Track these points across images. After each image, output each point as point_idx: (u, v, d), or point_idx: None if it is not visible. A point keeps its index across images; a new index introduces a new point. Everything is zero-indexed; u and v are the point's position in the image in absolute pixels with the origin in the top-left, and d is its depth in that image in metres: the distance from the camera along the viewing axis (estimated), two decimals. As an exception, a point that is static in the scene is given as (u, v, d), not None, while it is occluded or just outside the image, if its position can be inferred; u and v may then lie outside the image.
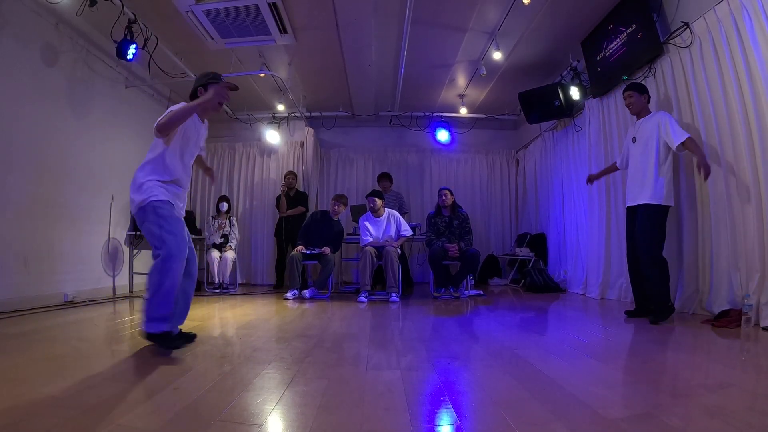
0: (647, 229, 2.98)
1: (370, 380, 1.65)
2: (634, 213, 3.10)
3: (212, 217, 5.67)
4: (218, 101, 2.21)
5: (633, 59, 3.76)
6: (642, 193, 3.04)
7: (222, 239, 5.46)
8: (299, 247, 4.76)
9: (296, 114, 6.45)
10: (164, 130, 2.06)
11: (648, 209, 2.99)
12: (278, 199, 5.83)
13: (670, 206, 3.01)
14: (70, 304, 3.73)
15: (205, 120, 2.36)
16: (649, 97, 3.24)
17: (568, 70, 4.83)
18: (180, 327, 2.24)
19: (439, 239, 4.67)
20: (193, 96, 2.27)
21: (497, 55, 4.65)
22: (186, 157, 2.26)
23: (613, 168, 3.64)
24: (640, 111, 3.19)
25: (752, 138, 2.66)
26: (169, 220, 2.10)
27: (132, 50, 3.82)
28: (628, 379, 1.72)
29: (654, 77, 3.59)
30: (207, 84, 2.23)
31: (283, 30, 4.26)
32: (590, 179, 3.78)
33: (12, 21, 3.33)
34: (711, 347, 2.22)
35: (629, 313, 3.15)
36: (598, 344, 2.36)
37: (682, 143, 2.85)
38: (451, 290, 4.59)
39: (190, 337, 2.23)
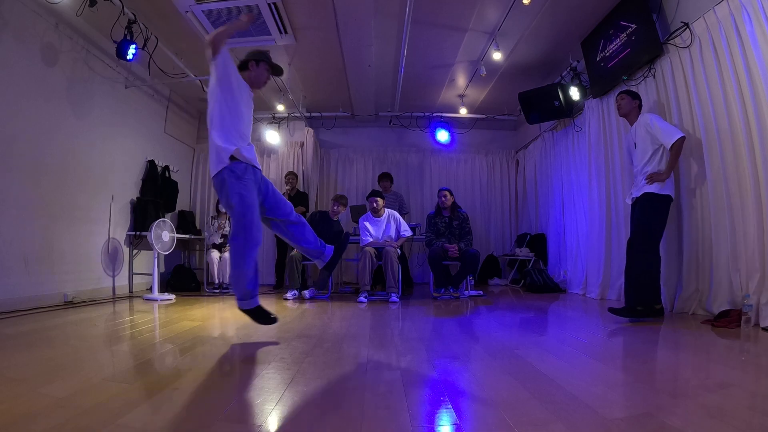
0: (646, 214, 2.98)
1: (369, 380, 1.65)
2: (635, 205, 3.11)
3: (212, 217, 5.67)
4: (264, 81, 2.49)
5: (633, 59, 3.76)
6: (644, 187, 3.04)
7: (222, 239, 5.46)
8: (299, 248, 4.75)
9: (296, 114, 6.44)
10: (218, 40, 2.19)
11: (649, 196, 2.98)
12: (279, 199, 5.81)
13: (671, 198, 3.00)
14: (69, 304, 3.73)
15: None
16: (641, 104, 3.28)
17: (568, 70, 4.83)
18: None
19: (438, 239, 4.67)
20: (243, 66, 2.44)
21: (497, 56, 4.65)
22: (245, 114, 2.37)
23: None
24: (628, 113, 3.26)
25: (752, 138, 2.66)
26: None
27: (132, 50, 3.82)
28: (628, 379, 1.72)
29: (654, 77, 3.59)
30: (259, 61, 2.44)
31: (283, 30, 4.26)
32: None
33: (12, 21, 3.33)
34: (711, 347, 2.22)
35: (613, 310, 2.95)
36: (598, 344, 2.36)
37: (674, 144, 2.90)
38: (451, 290, 4.58)
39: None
